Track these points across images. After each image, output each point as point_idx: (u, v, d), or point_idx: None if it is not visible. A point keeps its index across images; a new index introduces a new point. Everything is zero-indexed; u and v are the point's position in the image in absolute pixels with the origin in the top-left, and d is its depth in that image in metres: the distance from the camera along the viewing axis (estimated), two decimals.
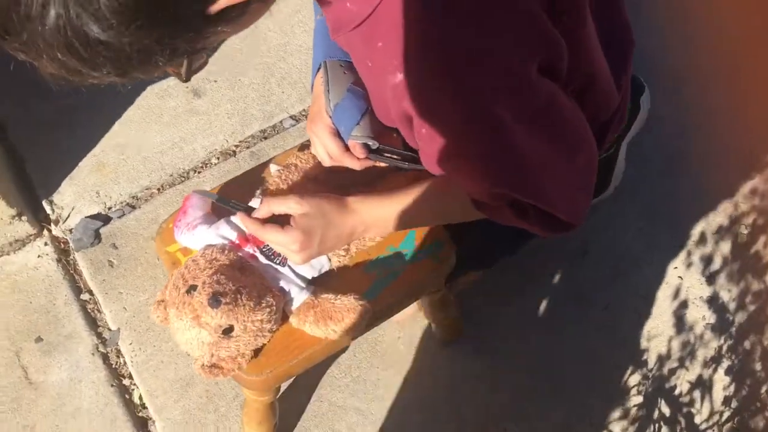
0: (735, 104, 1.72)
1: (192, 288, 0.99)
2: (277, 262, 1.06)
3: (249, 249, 1.06)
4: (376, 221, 1.04)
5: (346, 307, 1.04)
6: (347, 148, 1.07)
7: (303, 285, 1.07)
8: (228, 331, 0.99)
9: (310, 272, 1.08)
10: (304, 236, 0.99)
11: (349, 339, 1.10)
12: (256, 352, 1.06)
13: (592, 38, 1.02)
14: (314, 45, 1.12)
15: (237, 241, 1.07)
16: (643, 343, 1.50)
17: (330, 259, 1.09)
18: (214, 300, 0.96)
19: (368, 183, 1.12)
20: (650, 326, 1.51)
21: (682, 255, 1.58)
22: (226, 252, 1.05)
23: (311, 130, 1.09)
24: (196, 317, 0.97)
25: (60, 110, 1.73)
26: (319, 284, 1.09)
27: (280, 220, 1.01)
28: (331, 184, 1.12)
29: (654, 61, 1.76)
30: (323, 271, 1.10)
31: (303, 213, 1.00)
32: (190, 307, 0.98)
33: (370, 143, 1.05)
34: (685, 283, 1.55)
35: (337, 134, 1.06)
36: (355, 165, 1.08)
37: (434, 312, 1.38)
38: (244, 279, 1.01)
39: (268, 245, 1.06)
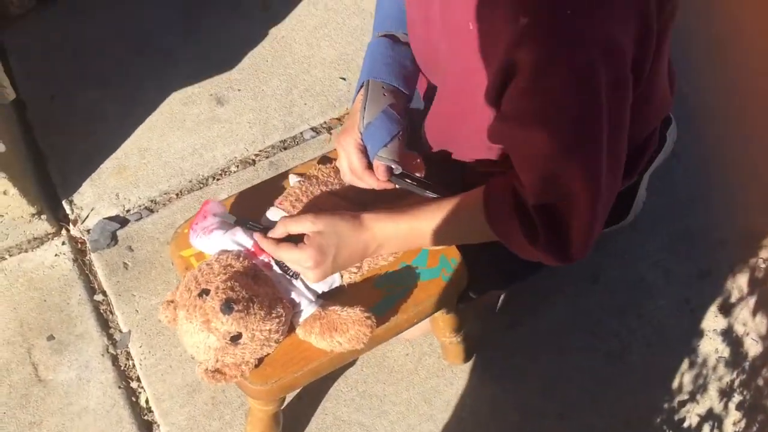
0: (756, 140, 1.71)
1: (204, 292, 0.99)
2: (291, 274, 1.06)
3: (264, 258, 1.07)
4: (389, 239, 1.05)
5: (352, 319, 1.04)
6: (370, 167, 1.08)
7: (313, 299, 1.07)
8: (236, 338, 0.99)
9: (321, 287, 1.09)
10: (319, 253, 1.00)
11: (354, 353, 1.10)
12: (260, 360, 1.06)
13: (664, 62, 1.02)
14: (363, 63, 1.14)
15: (252, 249, 1.07)
16: (653, 374, 1.48)
17: (342, 276, 1.10)
18: (227, 306, 0.96)
19: (388, 202, 1.12)
20: (661, 357, 1.49)
21: (697, 286, 1.56)
22: (241, 259, 1.05)
23: (340, 143, 1.10)
24: (206, 321, 0.98)
25: (84, 113, 1.75)
26: (327, 298, 1.09)
27: (296, 239, 1.03)
28: (350, 199, 1.13)
29: (679, 95, 1.75)
30: (334, 286, 1.10)
31: (317, 231, 1.01)
32: (201, 310, 0.98)
33: (393, 166, 1.06)
34: (699, 315, 1.53)
35: (364, 151, 1.08)
36: (374, 185, 1.09)
37: (444, 334, 1.37)
38: (256, 288, 1.02)
39: None
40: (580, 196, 0.92)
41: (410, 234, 1.05)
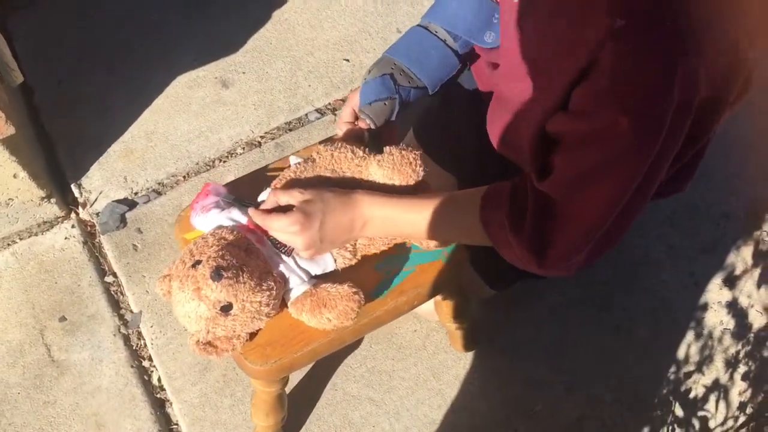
0: (757, 115, 1.71)
1: (197, 263, 1.01)
2: (283, 251, 1.07)
3: (257, 233, 1.08)
4: (374, 218, 1.06)
5: (340, 295, 1.04)
6: (356, 119, 1.19)
7: (305, 278, 1.08)
8: (226, 309, 1.00)
9: (314, 269, 1.09)
10: (304, 217, 1.02)
11: (353, 334, 1.10)
12: (251, 336, 1.07)
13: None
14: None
15: (246, 224, 1.09)
16: (660, 346, 1.49)
17: (335, 260, 1.10)
18: (216, 273, 0.98)
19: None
20: (667, 329, 1.51)
21: (702, 259, 1.58)
22: (234, 233, 1.06)
23: (348, 96, 1.22)
24: (197, 289, 0.99)
25: (91, 97, 1.76)
26: (325, 278, 1.10)
27: (286, 212, 1.05)
28: (343, 185, 1.13)
29: None
30: (328, 269, 1.10)
31: (305, 199, 1.04)
32: (192, 279, 0.99)
33: (371, 124, 1.17)
34: (704, 288, 1.55)
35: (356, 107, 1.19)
36: (341, 126, 1.20)
37: (448, 320, 1.37)
38: (248, 259, 1.03)
39: None
40: (589, 211, 0.92)
41: (396, 219, 1.06)
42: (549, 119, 0.93)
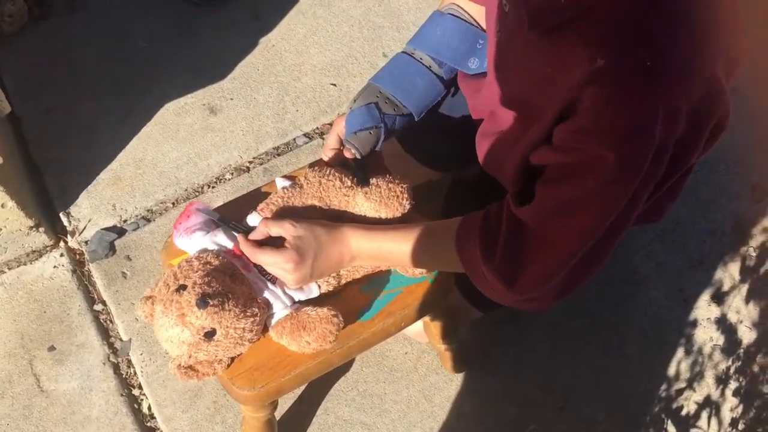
0: (741, 133, 1.73)
1: (182, 287, 1.01)
2: (269, 278, 1.08)
3: (243, 260, 1.08)
4: (362, 254, 1.08)
5: (319, 317, 1.04)
6: (342, 147, 1.19)
7: (288, 303, 1.08)
8: (210, 335, 1.00)
9: (299, 296, 1.10)
10: (299, 256, 1.04)
11: (340, 357, 1.10)
12: (232, 359, 1.07)
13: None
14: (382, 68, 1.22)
15: (232, 250, 1.09)
16: (650, 363, 1.50)
17: (320, 287, 1.11)
18: (202, 301, 0.98)
19: (365, 222, 1.14)
20: (657, 346, 1.51)
21: (689, 277, 1.58)
22: (221, 258, 1.06)
23: (335, 121, 1.22)
24: (181, 315, 0.99)
25: (79, 126, 1.77)
26: (312, 302, 1.10)
27: (274, 243, 1.06)
28: (329, 214, 1.14)
29: None
30: (311, 295, 1.11)
31: (297, 235, 1.05)
32: (177, 305, 0.99)
33: (357, 154, 1.17)
34: (692, 304, 1.55)
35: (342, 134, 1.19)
36: (326, 153, 1.20)
37: (437, 341, 1.38)
38: (233, 286, 1.03)
39: None
40: (563, 239, 0.92)
41: (384, 252, 1.08)
42: (533, 151, 0.94)
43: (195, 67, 1.86)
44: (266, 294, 1.06)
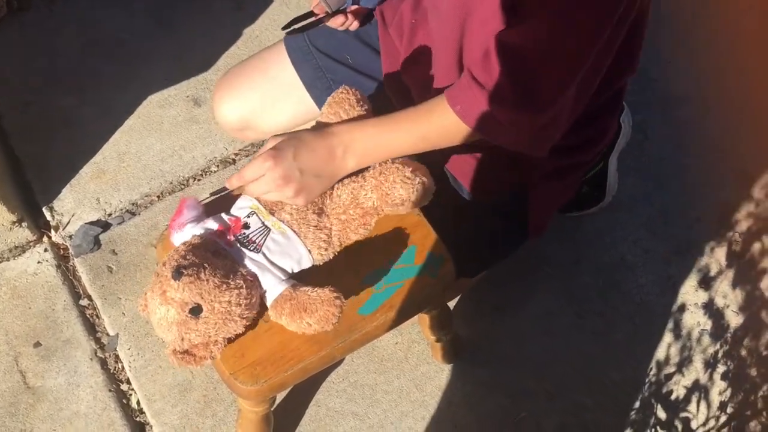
0: (725, 120, 1.75)
1: (162, 265, 1.00)
2: (252, 249, 1.05)
3: (225, 236, 1.06)
4: (354, 142, 1.04)
5: (321, 299, 1.01)
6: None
7: (282, 277, 1.06)
8: (196, 311, 0.98)
9: (287, 263, 1.07)
10: (275, 151, 1.02)
11: (343, 350, 1.09)
12: (230, 340, 1.05)
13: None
14: None
15: (217, 230, 1.08)
16: (639, 349, 1.51)
17: (311, 251, 1.08)
18: (177, 272, 0.96)
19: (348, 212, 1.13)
20: (646, 332, 1.52)
21: (676, 263, 1.59)
22: (203, 238, 1.05)
23: None
24: (162, 293, 0.97)
25: (61, 118, 1.74)
26: (312, 282, 1.07)
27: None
28: (314, 201, 1.12)
29: (648, 80, 1.79)
30: (304, 263, 1.08)
31: (279, 141, 1.04)
32: (159, 284, 0.98)
33: (327, 8, 1.27)
34: (680, 290, 1.56)
35: None
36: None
37: (431, 332, 1.37)
38: (213, 260, 1.01)
39: (243, 232, 1.06)
40: (566, 43, 0.94)
41: (378, 137, 1.05)
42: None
43: (178, 58, 1.84)
44: (250, 265, 1.04)
